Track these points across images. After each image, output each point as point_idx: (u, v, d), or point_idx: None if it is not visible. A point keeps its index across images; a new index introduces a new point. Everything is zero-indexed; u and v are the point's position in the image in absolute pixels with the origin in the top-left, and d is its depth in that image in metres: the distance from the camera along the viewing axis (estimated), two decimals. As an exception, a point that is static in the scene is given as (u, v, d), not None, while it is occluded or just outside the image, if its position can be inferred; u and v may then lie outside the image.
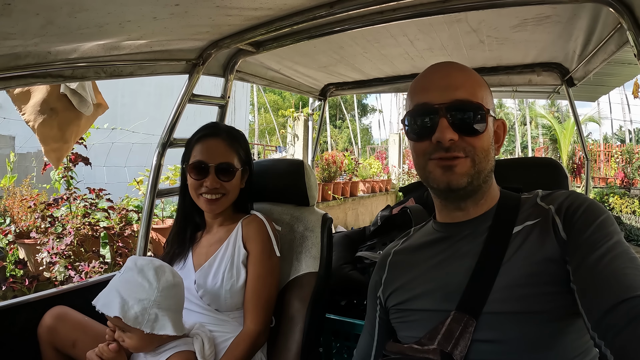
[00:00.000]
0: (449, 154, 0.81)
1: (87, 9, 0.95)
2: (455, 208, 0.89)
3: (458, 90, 0.82)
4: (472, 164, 0.82)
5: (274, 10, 1.26)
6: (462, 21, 1.49)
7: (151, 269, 1.15)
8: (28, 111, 2.08)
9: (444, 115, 0.81)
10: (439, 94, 0.82)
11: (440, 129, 0.80)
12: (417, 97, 0.86)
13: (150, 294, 1.11)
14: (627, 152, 11.90)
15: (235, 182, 1.38)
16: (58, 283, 3.19)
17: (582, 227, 0.74)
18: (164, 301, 1.13)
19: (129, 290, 1.12)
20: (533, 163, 1.55)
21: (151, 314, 1.10)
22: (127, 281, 1.14)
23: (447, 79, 0.84)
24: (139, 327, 1.09)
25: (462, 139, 0.81)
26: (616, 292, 0.63)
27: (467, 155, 0.81)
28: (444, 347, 0.77)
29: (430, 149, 0.83)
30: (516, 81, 2.20)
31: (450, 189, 0.83)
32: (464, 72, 0.86)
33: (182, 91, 1.69)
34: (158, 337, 1.14)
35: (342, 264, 1.87)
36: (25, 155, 6.11)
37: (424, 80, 0.87)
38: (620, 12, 1.12)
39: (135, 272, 1.15)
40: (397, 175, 10.44)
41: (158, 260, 1.22)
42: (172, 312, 1.14)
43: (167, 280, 1.16)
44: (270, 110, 16.58)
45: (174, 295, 1.17)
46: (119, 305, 1.08)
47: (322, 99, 2.77)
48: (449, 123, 0.80)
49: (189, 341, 1.20)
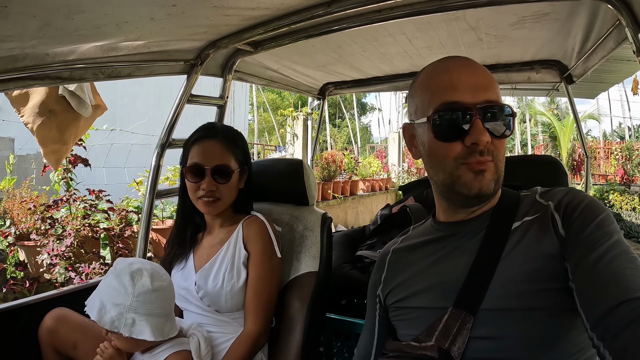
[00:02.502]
0: (484, 158, 0.78)
1: (84, 10, 0.94)
2: (465, 209, 0.87)
3: (488, 91, 0.79)
4: (496, 169, 0.80)
5: (271, 10, 1.26)
6: (461, 19, 1.48)
7: (127, 274, 1.14)
8: (27, 113, 2.08)
9: (478, 116, 0.77)
10: (470, 93, 0.78)
11: (478, 130, 0.76)
12: (445, 94, 0.80)
13: (125, 299, 1.11)
14: (626, 149, 11.92)
15: (232, 183, 1.37)
16: (58, 285, 3.20)
17: (581, 225, 0.74)
18: (141, 306, 1.12)
19: (108, 295, 1.13)
20: (533, 160, 1.54)
21: (127, 318, 1.10)
22: (107, 285, 1.15)
23: (475, 77, 0.80)
24: (117, 331, 1.10)
25: (491, 142, 0.78)
26: (615, 294, 0.62)
27: (492, 159, 0.79)
28: (441, 344, 0.77)
29: (463, 152, 0.78)
30: (515, 79, 2.20)
31: (481, 194, 0.80)
32: (486, 72, 0.82)
33: (181, 92, 1.69)
34: (143, 341, 1.14)
35: (342, 263, 1.87)
36: (25, 157, 6.10)
37: (449, 77, 0.81)
38: (619, 9, 1.12)
39: (114, 276, 1.15)
40: (397, 173, 10.45)
41: (139, 264, 1.19)
42: (152, 316, 1.13)
43: (143, 285, 1.14)
44: (269, 109, 16.58)
45: (153, 300, 1.15)
46: (97, 309, 1.10)
47: (321, 98, 2.77)
48: (483, 125, 0.77)
49: (185, 341, 1.20)
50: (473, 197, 0.81)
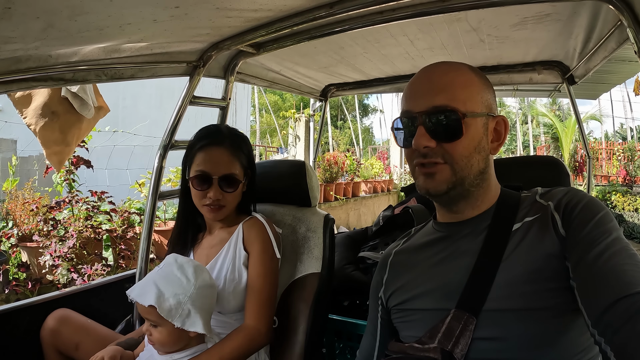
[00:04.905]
0: (427, 160, 0.83)
1: (87, 12, 0.95)
2: (448, 210, 0.90)
3: (438, 96, 0.82)
4: (452, 171, 0.83)
5: (273, 12, 1.26)
6: (462, 20, 1.49)
7: (191, 266, 1.18)
8: (29, 115, 2.09)
9: (421, 122, 0.82)
10: (419, 101, 0.84)
11: (417, 136, 0.82)
12: (403, 104, 0.89)
13: (186, 290, 1.13)
14: (629, 150, 11.90)
15: (238, 191, 1.37)
16: (61, 286, 3.21)
17: (580, 224, 0.74)
18: (198, 299, 1.14)
19: (167, 284, 1.13)
20: (534, 161, 1.54)
21: (184, 309, 1.12)
22: (165, 275, 1.16)
23: (428, 85, 0.85)
24: (171, 320, 1.10)
25: (440, 145, 0.82)
26: (615, 289, 0.63)
27: (445, 161, 0.82)
28: (444, 346, 0.77)
29: (413, 155, 0.86)
30: (517, 80, 2.19)
31: (430, 194, 0.86)
32: (448, 75, 0.85)
33: (183, 93, 1.69)
34: (185, 336, 1.15)
35: (345, 264, 1.87)
36: (27, 158, 6.12)
37: (409, 87, 0.89)
38: (620, 9, 1.11)
39: (175, 268, 1.17)
40: (399, 175, 10.44)
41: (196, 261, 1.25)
42: (204, 311, 1.16)
43: (204, 280, 1.18)
44: (271, 111, 16.59)
45: (208, 295, 1.19)
46: (155, 295, 1.10)
47: (322, 99, 2.77)
48: (427, 130, 0.82)
49: (204, 347, 1.20)
50: (428, 197, 0.88)
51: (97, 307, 1.62)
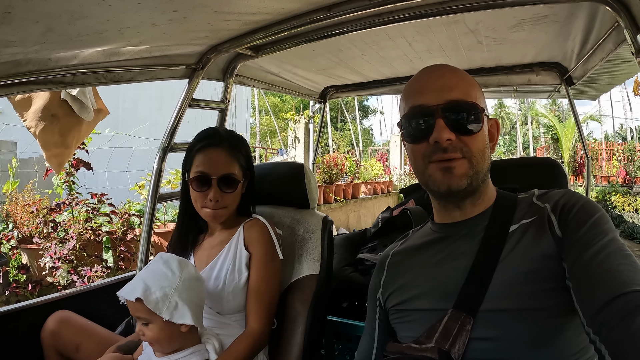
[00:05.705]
0: (447, 155, 0.81)
1: (86, 16, 0.95)
2: (454, 208, 0.89)
3: (453, 91, 0.83)
4: (470, 165, 0.82)
5: (272, 15, 1.27)
6: (460, 22, 1.49)
7: (175, 260, 1.20)
8: (29, 117, 2.10)
9: (440, 115, 0.81)
10: (434, 95, 0.83)
11: (438, 129, 0.80)
12: (412, 100, 0.86)
13: (172, 282, 1.15)
14: (628, 150, 11.90)
15: (237, 191, 1.38)
16: (61, 287, 3.21)
17: (577, 225, 0.75)
18: (184, 291, 1.16)
19: (153, 278, 1.15)
20: (532, 163, 1.55)
21: (171, 301, 1.13)
22: (152, 271, 1.18)
23: (441, 80, 0.85)
24: (159, 313, 1.11)
25: (458, 139, 0.82)
26: (610, 288, 0.63)
27: (464, 155, 0.82)
28: (441, 345, 0.77)
29: (429, 151, 0.83)
30: (515, 81, 2.20)
31: (451, 191, 0.83)
32: (457, 73, 0.87)
33: (182, 96, 1.70)
34: (177, 332, 1.15)
35: (344, 265, 1.87)
36: (27, 160, 6.13)
37: (417, 83, 0.88)
38: (617, 11, 1.12)
39: (160, 264, 1.19)
40: (399, 176, 10.44)
41: (181, 257, 1.27)
42: (192, 304, 1.17)
43: (189, 272, 1.20)
44: (271, 113, 16.61)
45: (195, 287, 1.20)
46: (142, 289, 1.11)
47: (322, 101, 2.78)
48: (446, 123, 0.81)
49: (202, 347, 1.21)
50: (445, 194, 0.85)
51: (97, 308, 1.63)
